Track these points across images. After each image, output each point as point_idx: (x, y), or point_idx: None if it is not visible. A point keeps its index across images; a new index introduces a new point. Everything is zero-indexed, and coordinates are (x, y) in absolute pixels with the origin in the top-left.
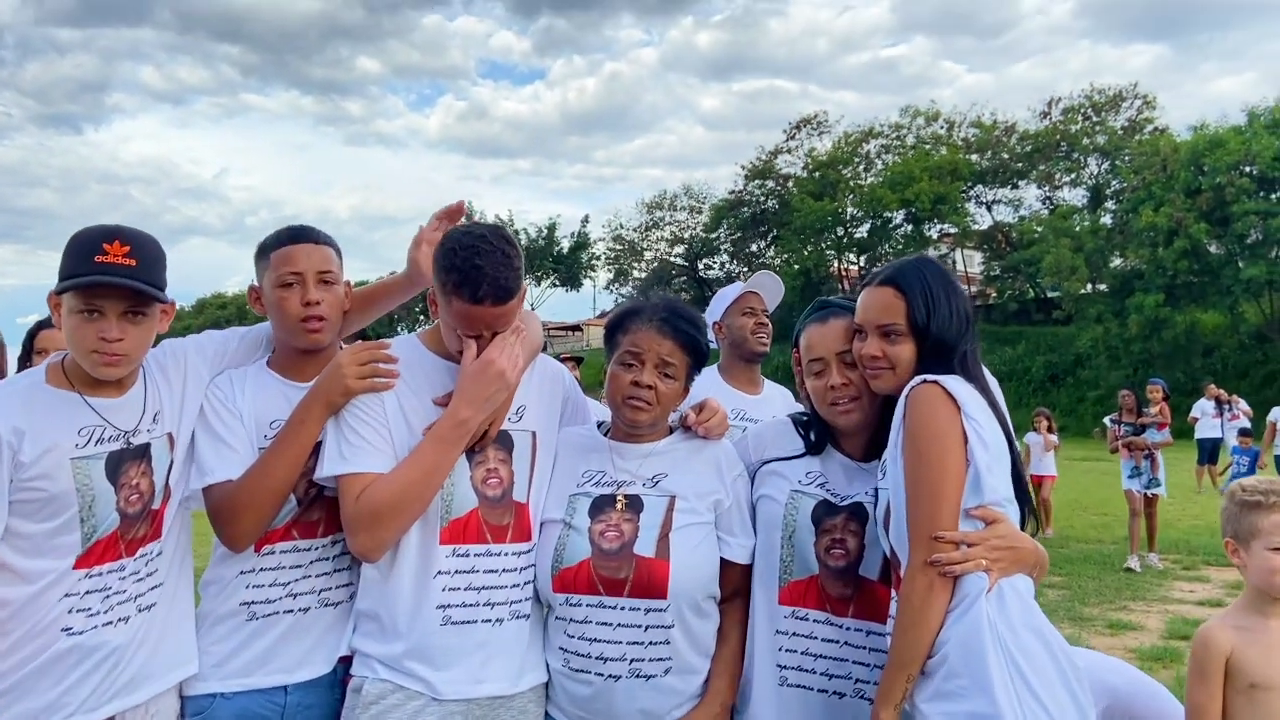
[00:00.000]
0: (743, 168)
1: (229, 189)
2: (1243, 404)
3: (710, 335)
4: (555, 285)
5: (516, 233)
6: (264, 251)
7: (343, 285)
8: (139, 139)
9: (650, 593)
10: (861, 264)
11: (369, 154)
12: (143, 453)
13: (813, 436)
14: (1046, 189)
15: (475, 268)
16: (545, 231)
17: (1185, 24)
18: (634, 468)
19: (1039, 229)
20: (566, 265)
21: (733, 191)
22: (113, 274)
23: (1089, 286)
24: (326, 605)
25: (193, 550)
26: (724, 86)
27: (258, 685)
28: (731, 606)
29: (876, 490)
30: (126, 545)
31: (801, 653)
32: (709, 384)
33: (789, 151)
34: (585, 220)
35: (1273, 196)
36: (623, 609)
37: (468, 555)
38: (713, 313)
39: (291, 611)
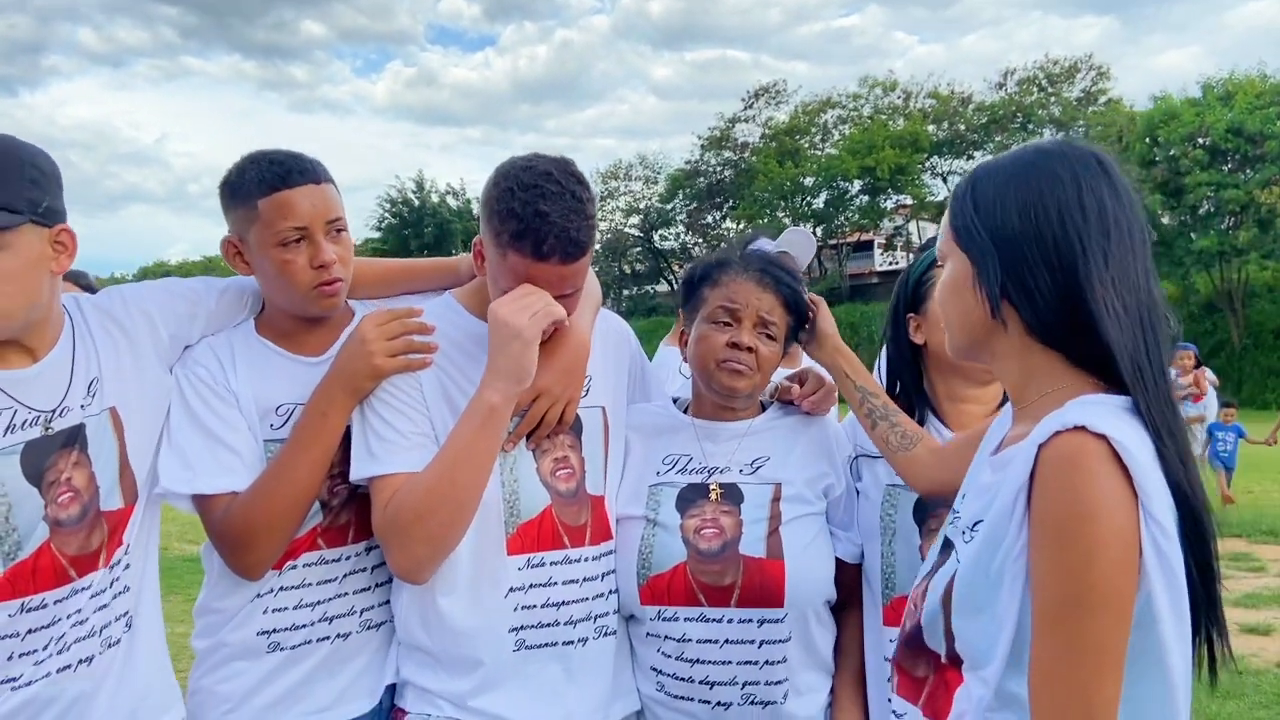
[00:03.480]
0: (699, 137)
1: (170, 155)
2: (1209, 374)
3: None
4: None
5: (467, 203)
6: (244, 196)
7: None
8: (76, 102)
9: (764, 600)
10: (818, 235)
11: (315, 121)
12: (74, 438)
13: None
14: None
15: (540, 215)
16: None
17: None
18: (728, 451)
19: None
20: None
21: (689, 162)
22: None
23: None
24: (369, 628)
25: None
26: (676, 56)
27: None
28: (848, 618)
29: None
30: (73, 561)
31: None
32: None
33: (746, 120)
34: None
35: (1224, 168)
36: (731, 622)
37: (543, 565)
38: None
39: (328, 639)
